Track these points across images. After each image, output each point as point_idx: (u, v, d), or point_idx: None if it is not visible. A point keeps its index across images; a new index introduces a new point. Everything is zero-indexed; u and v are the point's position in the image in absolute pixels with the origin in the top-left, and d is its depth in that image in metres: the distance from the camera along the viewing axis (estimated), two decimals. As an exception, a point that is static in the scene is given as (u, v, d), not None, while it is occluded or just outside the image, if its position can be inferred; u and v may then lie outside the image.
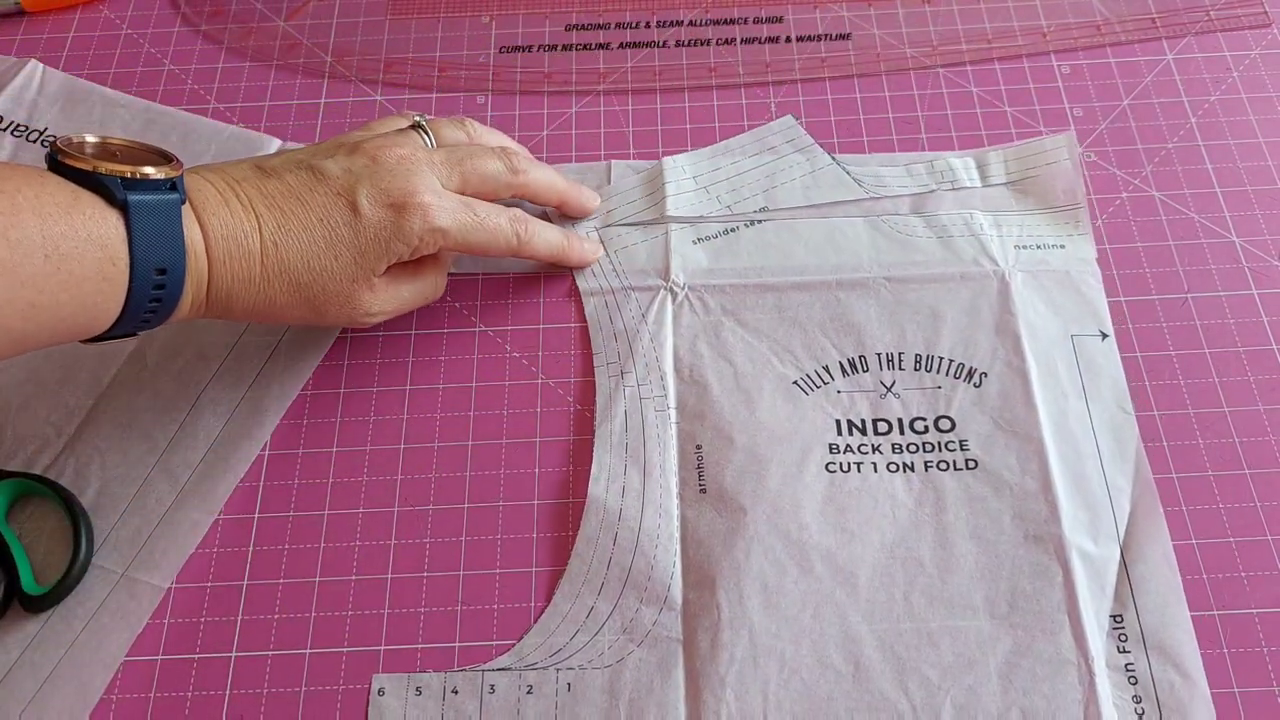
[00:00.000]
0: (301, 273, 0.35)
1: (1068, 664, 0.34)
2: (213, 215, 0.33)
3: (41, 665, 0.35)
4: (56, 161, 0.31)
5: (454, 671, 0.35)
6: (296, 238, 0.34)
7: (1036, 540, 0.37)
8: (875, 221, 0.45)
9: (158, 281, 0.32)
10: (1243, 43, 0.50)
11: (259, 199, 0.35)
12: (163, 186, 0.32)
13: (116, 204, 0.31)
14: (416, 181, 0.36)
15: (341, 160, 0.36)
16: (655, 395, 0.40)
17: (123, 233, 0.31)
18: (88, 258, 0.30)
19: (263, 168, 0.36)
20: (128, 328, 0.33)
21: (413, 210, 0.36)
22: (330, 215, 0.35)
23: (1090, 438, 0.39)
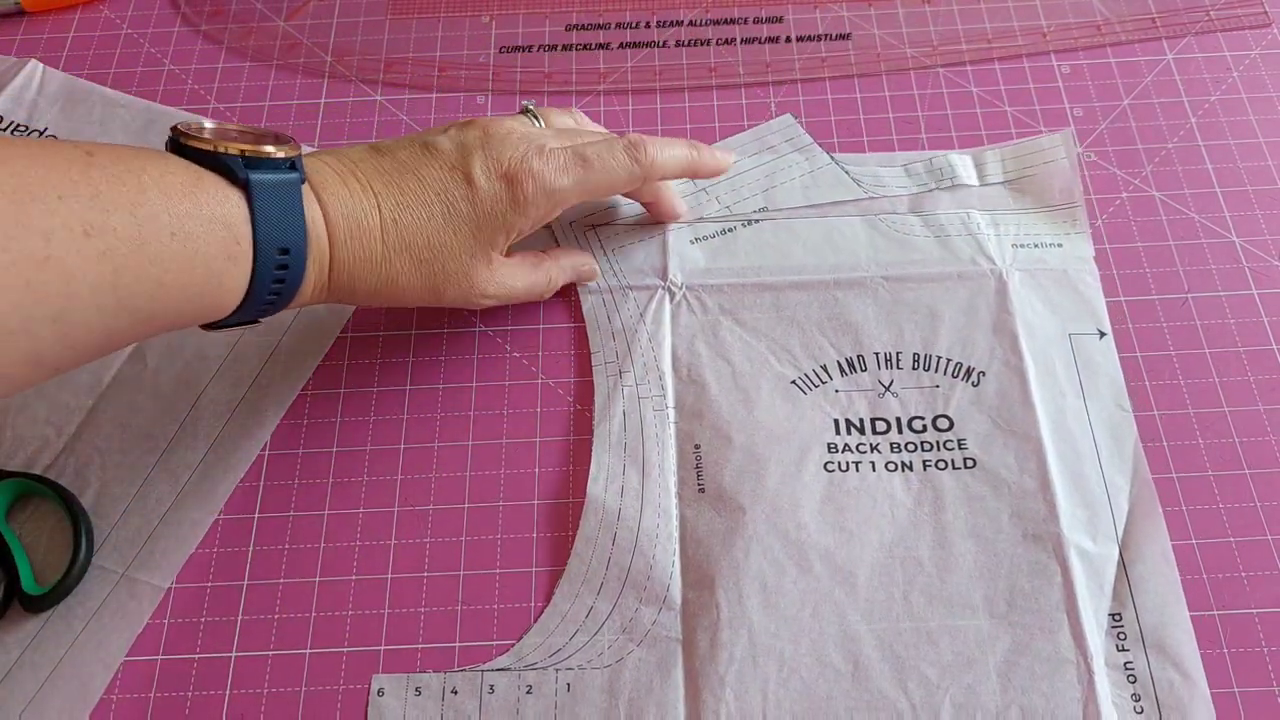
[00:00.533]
0: (422, 248, 0.35)
1: (1066, 663, 0.34)
2: (332, 195, 0.33)
3: (41, 665, 0.35)
4: (178, 144, 0.31)
5: (453, 672, 0.35)
6: (415, 213, 0.34)
7: (1035, 539, 0.37)
8: (873, 221, 0.45)
9: (280, 261, 0.31)
10: (1243, 43, 0.50)
11: (376, 177, 0.35)
12: (282, 166, 0.32)
13: (238, 183, 0.31)
14: (525, 148, 0.36)
15: (454, 134, 0.36)
16: (653, 395, 0.40)
17: (245, 212, 0.30)
18: (213, 236, 0.29)
19: (376, 147, 0.36)
20: (252, 311, 0.32)
21: (525, 178, 0.35)
22: (447, 189, 0.35)
23: (1088, 436, 0.39)
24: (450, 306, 0.39)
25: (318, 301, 0.35)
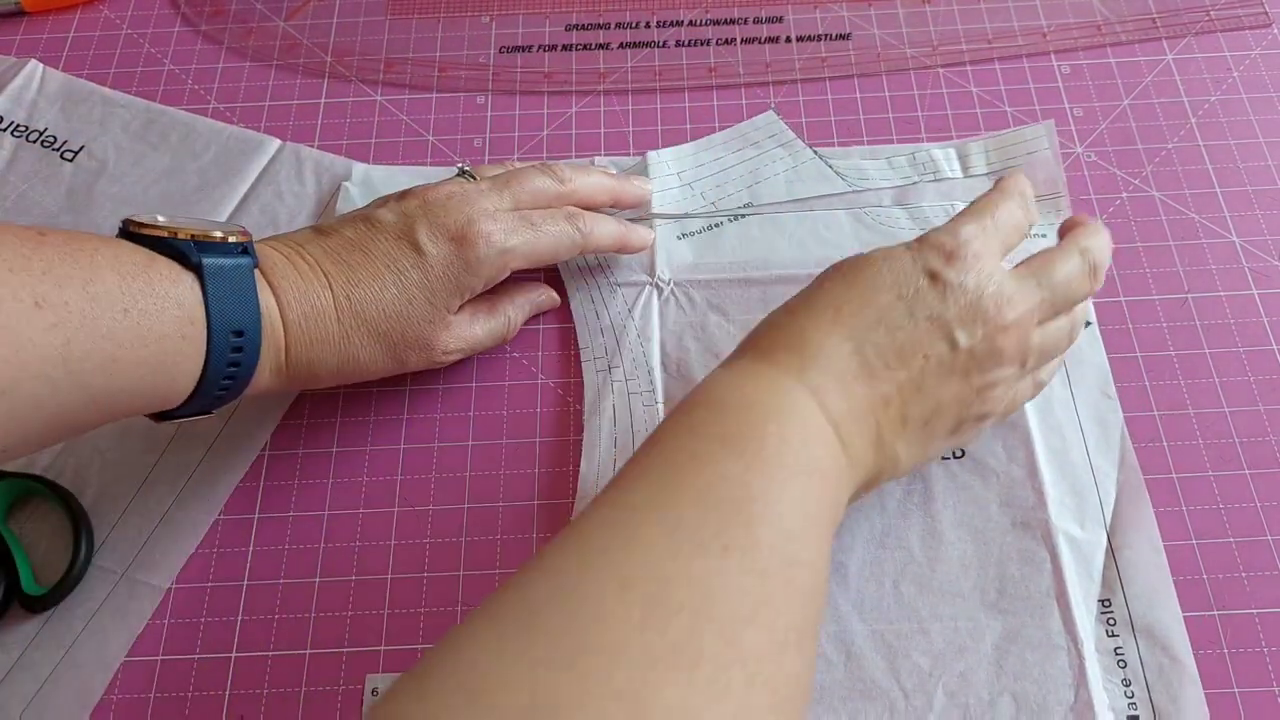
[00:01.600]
0: (379, 321, 0.35)
1: (1058, 649, 0.34)
2: (283, 278, 0.33)
3: (41, 665, 0.35)
4: (129, 232, 0.31)
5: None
6: (367, 287, 0.35)
7: (1024, 527, 0.37)
8: (858, 214, 0.45)
9: (235, 344, 0.31)
10: (1243, 43, 0.50)
11: (323, 257, 0.35)
12: (234, 250, 0.32)
13: (190, 266, 0.31)
14: (471, 210, 0.36)
15: (394, 206, 0.37)
16: (643, 390, 0.40)
17: (198, 294, 0.31)
18: (166, 314, 0.30)
19: (320, 229, 0.36)
20: (207, 398, 0.32)
21: (474, 239, 0.36)
22: (396, 260, 0.35)
23: (1075, 424, 0.39)
24: (415, 370, 0.38)
25: (277, 388, 0.35)
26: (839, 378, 0.30)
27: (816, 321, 0.31)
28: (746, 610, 0.24)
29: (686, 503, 0.26)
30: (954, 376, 0.31)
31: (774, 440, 0.28)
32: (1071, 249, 0.34)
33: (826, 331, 0.30)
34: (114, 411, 0.30)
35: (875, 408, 0.30)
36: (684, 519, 0.25)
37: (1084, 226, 0.36)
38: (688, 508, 0.26)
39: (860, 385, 0.30)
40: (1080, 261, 0.34)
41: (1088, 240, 0.35)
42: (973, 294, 0.31)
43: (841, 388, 0.30)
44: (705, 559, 0.24)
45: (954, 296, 0.31)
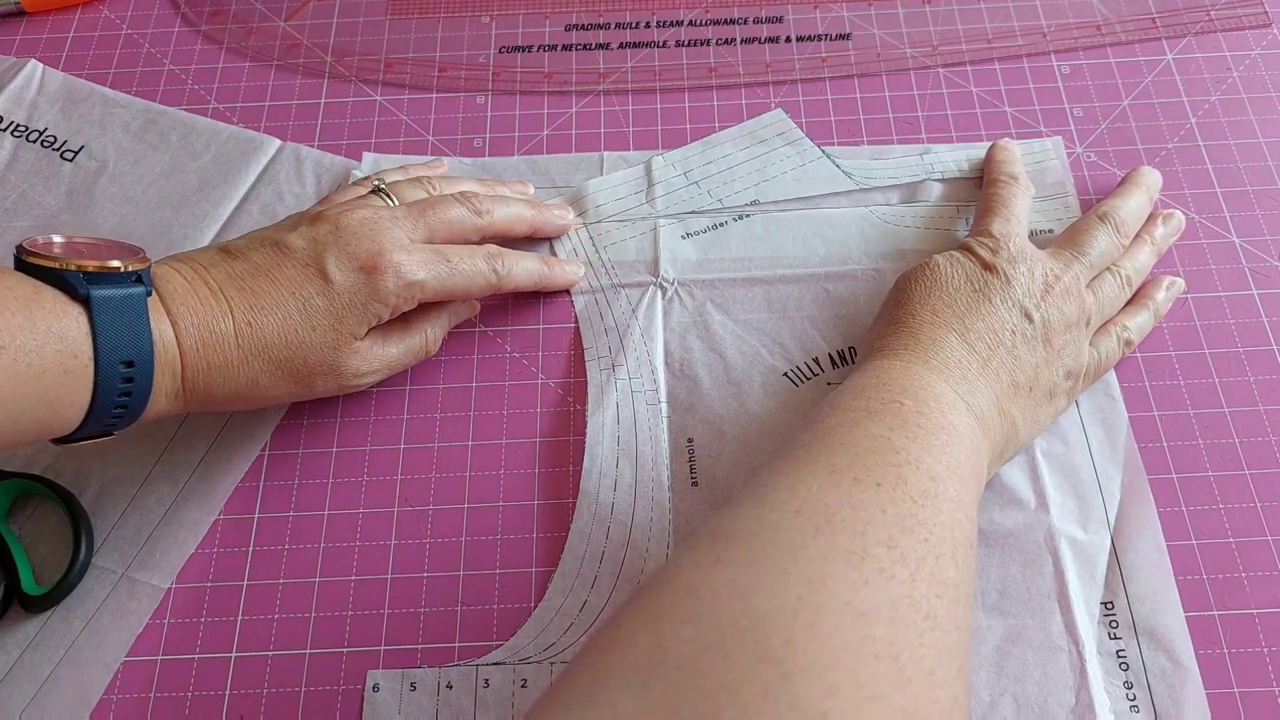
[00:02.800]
0: (280, 349, 0.35)
1: (1059, 651, 0.34)
2: (181, 304, 0.33)
3: (41, 665, 0.35)
4: (20, 260, 0.31)
5: (448, 666, 0.35)
6: (270, 315, 0.34)
7: (1026, 529, 0.37)
8: (863, 213, 0.45)
9: (125, 374, 0.31)
10: (1243, 43, 0.50)
11: (227, 282, 0.34)
12: (128, 280, 0.32)
13: (79, 299, 0.31)
14: (383, 240, 0.36)
15: (305, 231, 0.36)
16: (646, 389, 0.40)
17: (85, 327, 0.30)
18: (47, 350, 0.29)
19: (228, 250, 0.36)
20: (99, 425, 0.32)
21: (384, 269, 0.35)
22: (301, 287, 0.35)
23: (1078, 426, 0.39)
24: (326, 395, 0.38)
25: (176, 412, 0.34)
26: (956, 361, 0.35)
27: (921, 324, 0.36)
28: (903, 525, 0.27)
29: (840, 454, 0.30)
30: (1037, 344, 0.36)
31: (910, 408, 0.32)
32: (1089, 217, 0.41)
33: (932, 329, 0.36)
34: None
35: (989, 380, 0.35)
36: (839, 464, 0.29)
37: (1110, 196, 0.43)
38: (842, 457, 0.30)
39: (973, 364, 0.35)
40: (1099, 223, 0.40)
41: (1104, 204, 0.41)
42: (1025, 275, 0.37)
43: (960, 368, 0.35)
44: (862, 491, 0.28)
45: (1014, 279, 0.37)
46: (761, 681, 0.22)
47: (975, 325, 0.36)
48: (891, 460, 0.29)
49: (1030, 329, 0.36)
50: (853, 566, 0.26)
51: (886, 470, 0.29)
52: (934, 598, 0.26)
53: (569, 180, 0.47)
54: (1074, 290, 0.37)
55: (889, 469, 0.29)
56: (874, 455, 0.30)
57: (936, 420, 0.32)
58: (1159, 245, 0.42)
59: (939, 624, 0.25)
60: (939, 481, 0.29)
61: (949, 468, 0.30)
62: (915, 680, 0.24)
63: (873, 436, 0.31)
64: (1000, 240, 0.38)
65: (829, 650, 0.23)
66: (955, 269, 0.37)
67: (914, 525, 0.28)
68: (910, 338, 0.36)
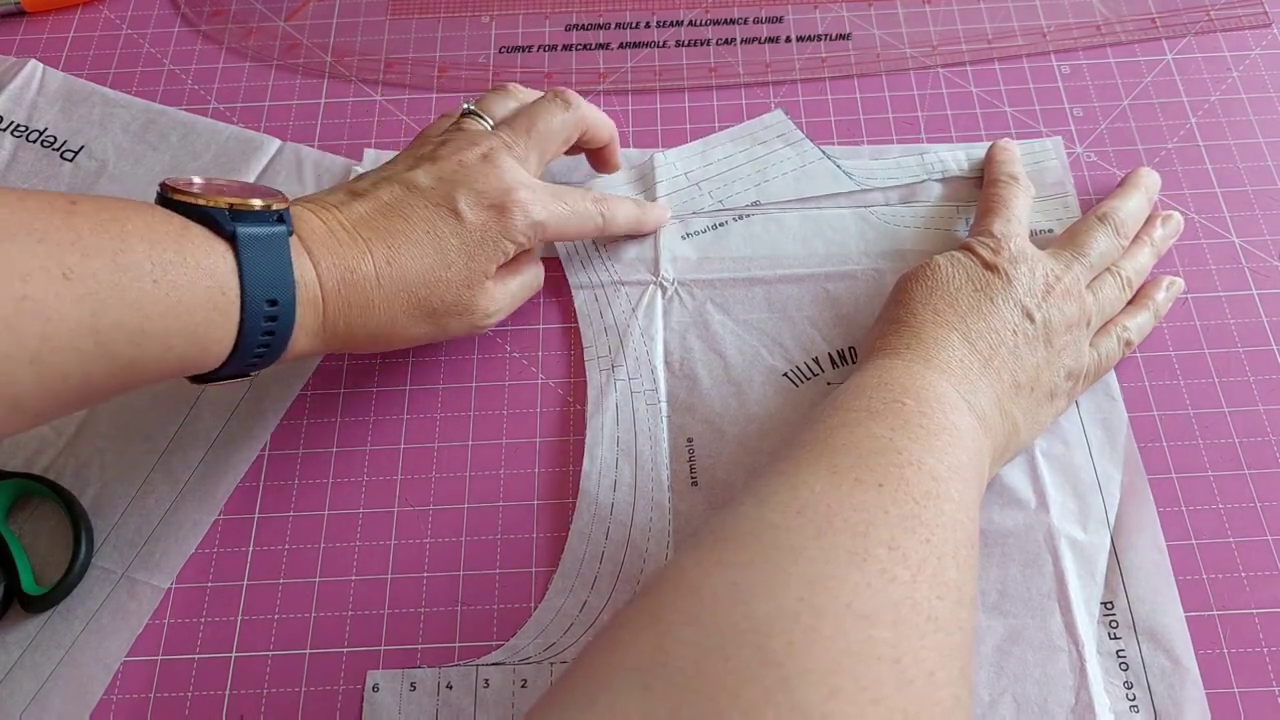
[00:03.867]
0: (419, 287, 0.35)
1: (1059, 651, 0.34)
2: (320, 244, 0.33)
3: (41, 665, 0.35)
4: (165, 198, 0.31)
5: (448, 667, 0.35)
6: (408, 254, 0.34)
7: (1026, 529, 0.37)
8: (863, 213, 0.45)
9: (269, 313, 0.31)
10: (1243, 43, 0.50)
11: (362, 223, 0.35)
12: (269, 219, 0.32)
13: (224, 235, 0.31)
14: (509, 178, 0.37)
15: (429, 170, 0.36)
16: (646, 389, 0.40)
17: (232, 263, 0.30)
18: (197, 285, 0.29)
19: (355, 191, 0.36)
20: (241, 364, 0.32)
21: (512, 208, 0.36)
22: (435, 226, 0.35)
23: (1078, 426, 0.39)
24: (457, 336, 0.39)
25: (315, 352, 0.35)
26: (958, 361, 0.35)
27: (923, 324, 0.36)
28: (905, 526, 0.27)
29: (842, 455, 0.30)
30: (1039, 344, 0.36)
31: (913, 408, 0.32)
32: (1089, 218, 0.41)
33: (934, 329, 0.36)
34: (145, 378, 0.30)
35: (990, 379, 0.35)
36: (841, 465, 0.29)
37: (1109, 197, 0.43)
38: (844, 458, 0.30)
39: (975, 363, 0.35)
40: (1098, 224, 0.40)
41: (1104, 205, 0.42)
42: (1027, 275, 0.37)
43: (962, 368, 0.35)
44: (864, 492, 0.28)
45: (1015, 280, 0.37)
46: (762, 685, 0.22)
47: (977, 325, 0.36)
48: (894, 461, 0.29)
49: (1032, 329, 0.36)
50: (854, 568, 0.26)
51: (889, 471, 0.29)
52: (936, 599, 0.26)
53: (569, 178, 0.47)
54: (1075, 291, 0.38)
55: (891, 469, 0.29)
56: (876, 456, 0.30)
57: (939, 420, 0.32)
58: (1158, 246, 0.42)
59: (941, 625, 0.25)
60: (941, 482, 0.29)
61: (951, 468, 0.30)
62: (917, 682, 0.24)
63: (875, 437, 0.31)
64: (1001, 240, 0.38)
65: (830, 653, 0.23)
66: (957, 269, 0.37)
67: (916, 526, 0.28)
68: (912, 337, 0.36)
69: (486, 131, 0.39)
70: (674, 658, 0.23)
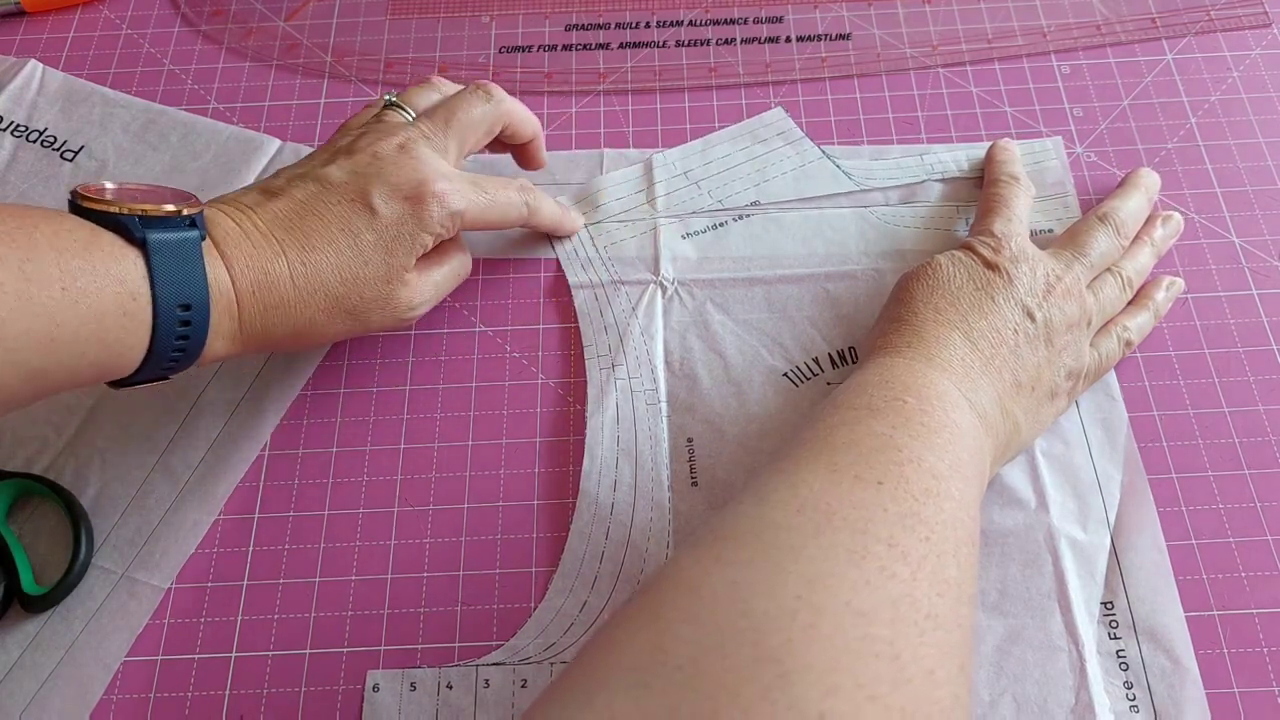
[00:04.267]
0: (335, 285, 0.35)
1: (1059, 651, 0.34)
2: (234, 247, 0.33)
3: (41, 665, 0.35)
4: (76, 205, 0.31)
5: (448, 667, 0.35)
6: (322, 252, 0.34)
7: (1025, 529, 0.37)
8: (863, 213, 0.45)
9: (182, 318, 0.31)
10: (1243, 43, 0.50)
11: (276, 223, 0.34)
12: (181, 224, 0.32)
13: (135, 241, 0.31)
14: (425, 169, 0.36)
15: (344, 164, 0.36)
16: (646, 389, 0.40)
17: (143, 269, 0.31)
18: (106, 292, 0.30)
19: (269, 190, 0.36)
20: (156, 368, 0.32)
21: (428, 199, 0.36)
22: (350, 222, 0.35)
23: (1078, 426, 0.39)
24: (382, 330, 0.38)
25: (233, 354, 0.34)
26: (960, 359, 0.35)
27: (924, 323, 0.36)
28: (905, 523, 0.27)
29: (842, 452, 0.30)
30: (1040, 343, 0.36)
31: (913, 406, 0.32)
32: (1089, 218, 0.41)
33: (935, 327, 0.36)
34: (58, 385, 0.30)
35: (992, 378, 0.35)
36: (841, 463, 0.29)
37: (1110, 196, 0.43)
38: (844, 455, 0.30)
39: (976, 361, 0.35)
40: (1099, 224, 0.40)
41: (1104, 206, 0.42)
42: (1027, 274, 0.37)
43: (963, 366, 0.35)
44: (863, 490, 0.28)
45: (1016, 279, 0.37)
46: (760, 683, 0.22)
47: (978, 324, 0.36)
48: (894, 458, 0.30)
49: (1033, 328, 0.36)
50: (853, 565, 0.26)
51: (889, 468, 0.29)
52: (935, 596, 0.26)
53: (569, 177, 0.47)
54: (1075, 290, 0.38)
55: (891, 467, 0.29)
56: (876, 453, 0.30)
57: (939, 418, 0.32)
58: (1159, 247, 0.42)
59: (940, 623, 0.25)
60: (941, 480, 0.29)
61: (951, 466, 0.30)
62: (915, 680, 0.24)
63: (875, 434, 0.31)
64: (1002, 240, 0.38)
65: (828, 651, 0.23)
66: (958, 268, 0.38)
67: (915, 524, 0.28)
68: (913, 335, 0.36)
69: (405, 123, 0.38)
70: (672, 656, 0.23)
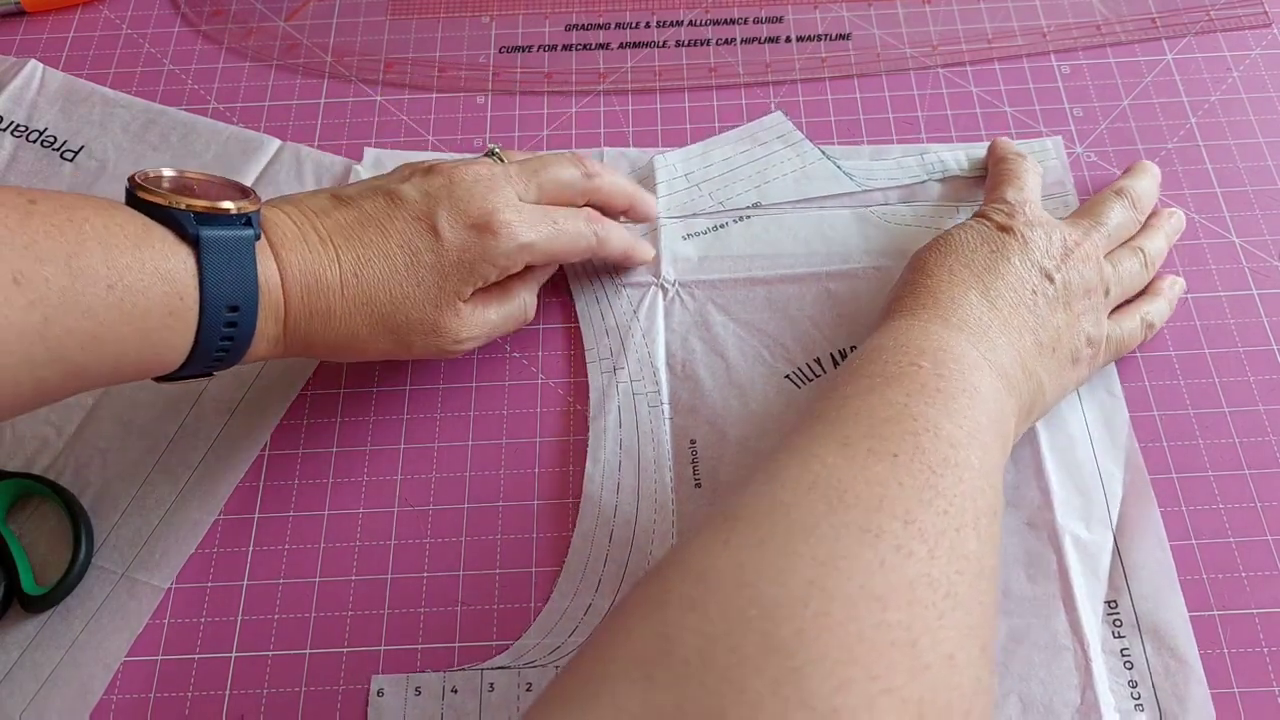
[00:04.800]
0: (384, 302, 0.34)
1: (1064, 649, 0.34)
2: (289, 250, 0.33)
3: (41, 665, 0.35)
4: (132, 195, 0.31)
5: (453, 671, 0.35)
6: (377, 266, 0.34)
7: (1030, 527, 0.37)
8: (863, 213, 0.45)
9: (229, 319, 0.31)
10: (1243, 43, 0.50)
11: (337, 231, 0.34)
12: (237, 222, 0.31)
13: (188, 239, 0.30)
14: (495, 199, 0.35)
15: (418, 183, 0.35)
16: (648, 391, 0.40)
17: (193, 268, 0.30)
18: (153, 291, 0.29)
19: (339, 197, 0.35)
20: (200, 366, 0.32)
21: (496, 229, 0.35)
22: (411, 240, 0.34)
23: (1081, 424, 0.39)
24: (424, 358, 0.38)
25: (274, 356, 0.34)
26: (977, 318, 0.34)
27: (939, 285, 0.35)
28: (921, 497, 0.27)
29: (854, 424, 0.29)
30: (1059, 305, 0.36)
31: (929, 371, 0.31)
32: (1105, 193, 0.41)
33: (951, 289, 0.35)
34: (99, 381, 0.30)
35: (1011, 338, 0.34)
36: (853, 436, 0.29)
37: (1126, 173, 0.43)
38: (856, 428, 0.29)
39: (994, 321, 0.34)
40: (1115, 198, 0.41)
41: (1118, 183, 0.42)
42: (1044, 237, 0.37)
43: (980, 325, 0.34)
44: (877, 463, 0.27)
45: (1033, 241, 0.37)
46: (770, 676, 0.21)
47: (994, 284, 0.35)
48: (909, 428, 0.29)
49: (1052, 290, 0.36)
50: (867, 546, 0.25)
51: (904, 440, 0.28)
52: (954, 574, 0.25)
53: None
54: (1093, 256, 0.37)
55: (906, 438, 0.28)
56: (890, 424, 0.29)
57: (957, 383, 0.31)
58: (1170, 237, 0.42)
59: (960, 602, 0.25)
60: (959, 448, 0.29)
61: (970, 432, 0.29)
62: (934, 666, 0.23)
63: (890, 404, 0.30)
64: (1015, 206, 0.38)
65: (841, 640, 0.22)
66: (970, 234, 0.37)
67: (933, 497, 0.27)
68: (929, 296, 0.35)
69: (489, 163, 0.38)
70: (678, 646, 0.22)
